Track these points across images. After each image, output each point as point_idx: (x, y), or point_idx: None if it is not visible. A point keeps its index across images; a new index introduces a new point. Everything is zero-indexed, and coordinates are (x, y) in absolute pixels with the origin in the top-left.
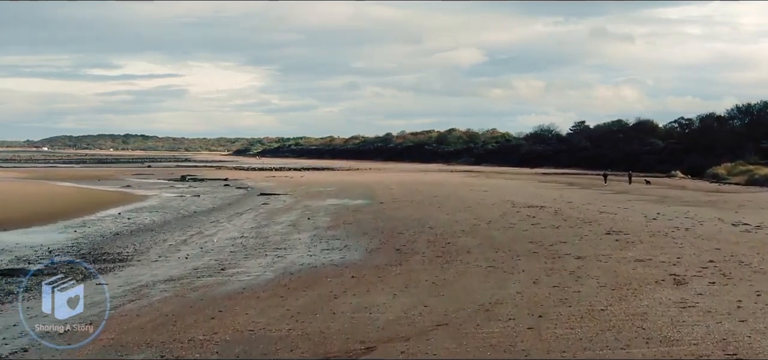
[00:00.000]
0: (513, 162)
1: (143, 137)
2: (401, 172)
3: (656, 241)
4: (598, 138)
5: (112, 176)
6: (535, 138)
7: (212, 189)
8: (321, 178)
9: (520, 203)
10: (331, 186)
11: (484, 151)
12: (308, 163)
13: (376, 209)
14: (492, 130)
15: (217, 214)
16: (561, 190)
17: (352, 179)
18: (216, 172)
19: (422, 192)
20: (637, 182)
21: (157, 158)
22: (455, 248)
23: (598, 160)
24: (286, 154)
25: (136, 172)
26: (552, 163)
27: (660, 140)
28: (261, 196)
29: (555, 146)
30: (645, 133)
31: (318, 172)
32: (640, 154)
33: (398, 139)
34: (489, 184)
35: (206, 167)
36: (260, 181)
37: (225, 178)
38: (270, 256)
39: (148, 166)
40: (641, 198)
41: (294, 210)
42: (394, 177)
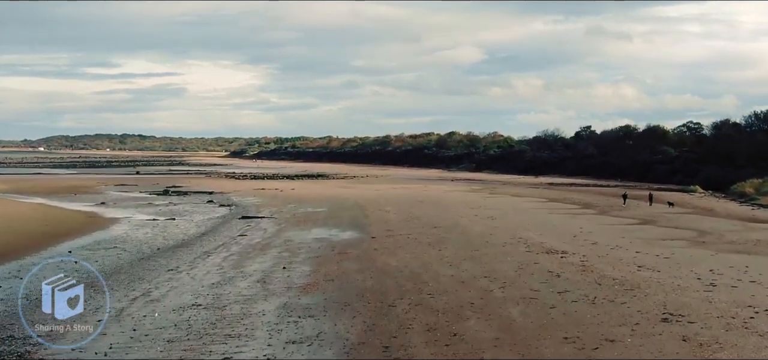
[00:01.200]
0: (516, 169)
1: (140, 137)
2: (399, 183)
3: (735, 339)
4: (605, 145)
5: (93, 188)
6: (539, 143)
7: (192, 207)
8: (313, 192)
9: (536, 244)
10: (321, 205)
11: (485, 157)
12: (304, 168)
13: (366, 250)
14: (494, 133)
15: (181, 255)
16: (577, 217)
17: (346, 193)
18: (205, 181)
19: (421, 218)
20: (659, 203)
21: (151, 160)
22: (464, 343)
23: (605, 168)
24: (283, 157)
25: (121, 181)
26: (557, 171)
27: (671, 148)
28: (242, 221)
29: (560, 153)
30: (654, 140)
31: (311, 182)
32: (651, 163)
33: (397, 142)
34: (495, 205)
35: (196, 175)
36: (247, 196)
37: (211, 191)
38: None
39: (136, 173)
40: (676, 237)
41: (271, 248)
42: (391, 191)
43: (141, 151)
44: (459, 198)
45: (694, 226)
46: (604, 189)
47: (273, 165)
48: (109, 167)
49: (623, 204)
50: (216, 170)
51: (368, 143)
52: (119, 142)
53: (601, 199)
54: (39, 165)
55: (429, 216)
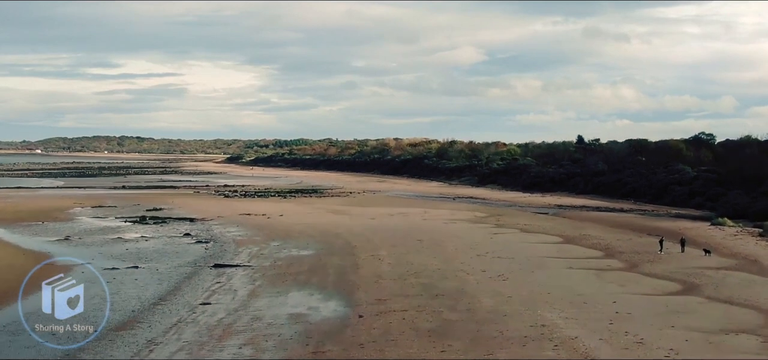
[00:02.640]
0: (521, 185)
1: (139, 139)
2: (397, 205)
3: None
4: (616, 160)
5: (67, 211)
6: (545, 157)
7: (164, 245)
8: (302, 220)
9: (565, 340)
10: (308, 243)
11: (489, 170)
12: (300, 178)
13: (352, 336)
14: (496, 142)
15: (118, 346)
16: (603, 274)
17: (338, 222)
18: (190, 201)
19: (420, 275)
20: (692, 249)
21: (145, 167)
22: None
23: (618, 188)
24: (279, 164)
25: (101, 200)
26: (565, 188)
27: (688, 166)
28: (214, 271)
29: (568, 169)
30: (669, 156)
31: (305, 201)
32: (667, 184)
33: (396, 150)
34: (504, 248)
35: (185, 189)
36: (230, 225)
37: (192, 218)
38: None
39: (122, 188)
40: (742, 326)
41: (232, 336)
42: (388, 220)
43: (139, 154)
44: (462, 234)
45: (753, 300)
46: (621, 217)
47: (268, 173)
48: (100, 176)
49: (659, 252)
50: (208, 181)
51: (367, 152)
52: (117, 144)
53: (624, 237)
54: (27, 173)
55: (429, 271)
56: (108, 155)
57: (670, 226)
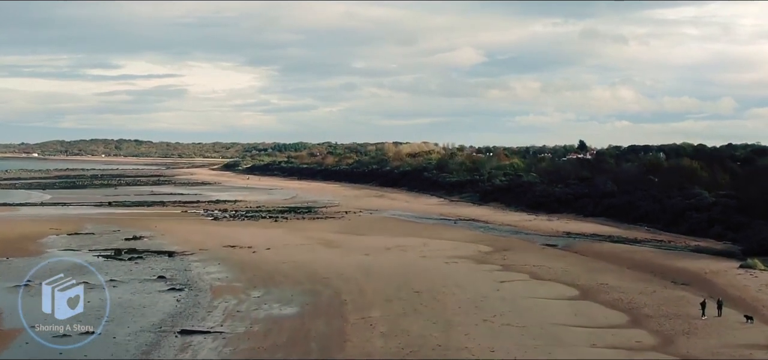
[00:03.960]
0: (525, 204)
1: (136, 142)
2: (395, 234)
3: None
4: (627, 181)
5: (39, 239)
6: (551, 174)
7: (132, 295)
8: (290, 255)
9: None
10: (292, 294)
11: (491, 187)
12: (295, 190)
13: None
14: (499, 152)
15: None
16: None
17: (329, 260)
18: (176, 227)
19: (418, 347)
20: (730, 310)
21: (138, 176)
22: None
23: (629, 211)
24: (276, 173)
25: (78, 225)
26: (572, 209)
27: (705, 190)
28: (178, 340)
29: (575, 189)
30: (682, 177)
31: (297, 224)
32: (683, 210)
33: (395, 161)
34: (513, 305)
35: (173, 207)
36: (211, 263)
37: (172, 252)
38: None
39: (108, 205)
40: None
41: None
42: (384, 258)
43: (136, 158)
44: (465, 282)
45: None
46: (638, 252)
47: (264, 183)
48: (90, 188)
49: (702, 316)
50: (200, 195)
51: (365, 162)
52: (115, 147)
53: (647, 289)
54: (16, 184)
55: (428, 346)
56: (105, 159)
57: (694, 268)
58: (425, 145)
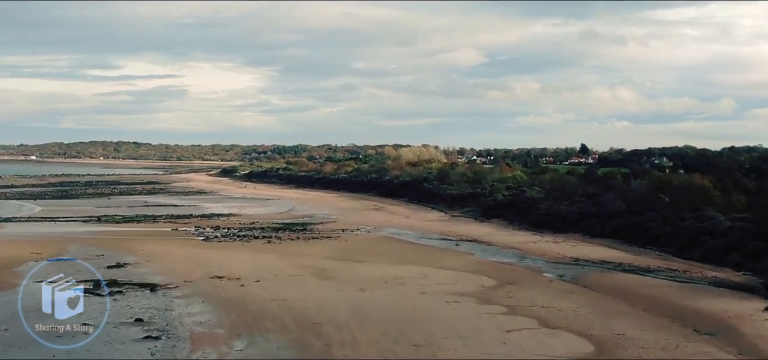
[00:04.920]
0: (529, 221)
1: (135, 145)
2: (393, 260)
3: None
4: (636, 200)
5: (14, 268)
6: (555, 190)
7: (104, 345)
8: (279, 297)
9: None
10: (279, 339)
11: (493, 203)
12: (292, 201)
13: None
14: (502, 164)
15: None
16: None
17: (319, 308)
18: (163, 250)
19: None
20: None
21: (134, 183)
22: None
23: (639, 233)
24: (273, 180)
25: (61, 248)
26: (578, 228)
27: (719, 212)
28: None
29: (581, 207)
30: (694, 196)
31: (287, 257)
32: (697, 235)
33: (394, 170)
34: (525, 354)
35: (164, 224)
36: (195, 302)
37: (154, 286)
38: None
39: (97, 221)
40: None
41: None
42: (381, 297)
43: (134, 160)
44: (468, 329)
45: None
46: (653, 286)
47: (261, 192)
48: (83, 197)
49: None
50: (193, 206)
51: (364, 170)
52: (114, 149)
53: (669, 342)
54: (7, 193)
55: None
56: (103, 162)
57: (715, 310)
58: (425, 149)
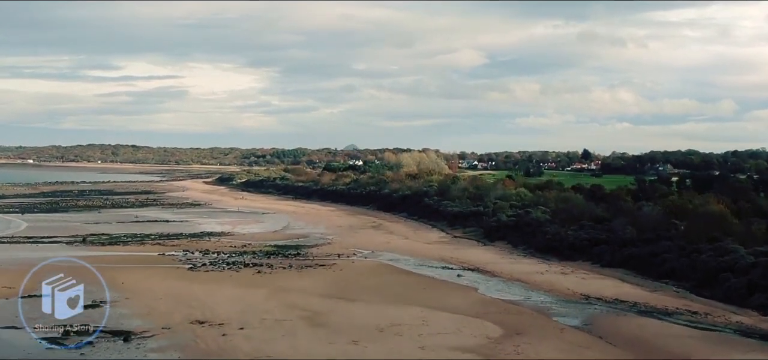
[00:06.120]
0: (535, 246)
1: (134, 148)
2: (390, 300)
3: None
4: (648, 227)
5: None
6: (562, 213)
7: None
8: (264, 352)
9: None
10: None
11: (496, 224)
12: (287, 219)
13: None
14: (505, 178)
15: None
16: None
17: (309, 355)
18: (144, 283)
19: None
20: None
21: (128, 193)
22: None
23: (653, 265)
24: (270, 190)
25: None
26: (587, 256)
27: (740, 245)
28: None
29: (590, 233)
30: (710, 224)
31: (275, 295)
32: (717, 272)
33: (394, 184)
34: None
35: (148, 253)
36: (170, 354)
37: (127, 336)
38: None
39: (82, 242)
40: None
41: None
42: (375, 352)
43: (133, 164)
44: None
45: None
46: (675, 336)
47: (257, 205)
48: (73, 211)
49: None
50: (185, 222)
51: (363, 182)
52: (112, 153)
53: None
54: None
55: None
56: (100, 166)
57: None
58: (426, 155)
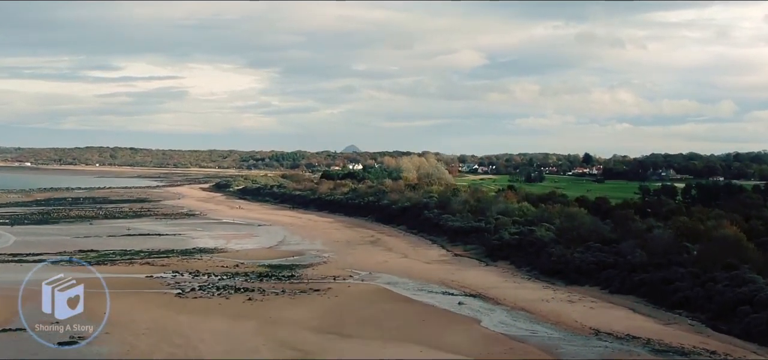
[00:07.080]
0: (539, 268)
1: (132, 150)
2: (387, 337)
3: None
4: (658, 251)
5: None
6: (568, 232)
7: None
8: None
9: None
10: None
11: (499, 242)
12: (283, 232)
13: None
14: (507, 189)
15: None
16: None
17: None
18: (126, 315)
19: None
20: None
21: (122, 201)
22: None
23: (665, 293)
24: (267, 199)
25: (8, 316)
26: (594, 280)
27: (758, 274)
28: None
29: (599, 256)
30: (725, 249)
31: (267, 325)
32: (734, 303)
33: (393, 193)
34: None
35: (137, 275)
36: None
37: None
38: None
39: (68, 262)
40: None
41: None
42: None
43: (131, 167)
44: None
45: None
46: None
47: (253, 215)
48: (63, 223)
49: None
50: (178, 235)
51: (361, 193)
52: (110, 155)
53: None
54: None
55: None
56: (98, 169)
57: None
58: (426, 159)
